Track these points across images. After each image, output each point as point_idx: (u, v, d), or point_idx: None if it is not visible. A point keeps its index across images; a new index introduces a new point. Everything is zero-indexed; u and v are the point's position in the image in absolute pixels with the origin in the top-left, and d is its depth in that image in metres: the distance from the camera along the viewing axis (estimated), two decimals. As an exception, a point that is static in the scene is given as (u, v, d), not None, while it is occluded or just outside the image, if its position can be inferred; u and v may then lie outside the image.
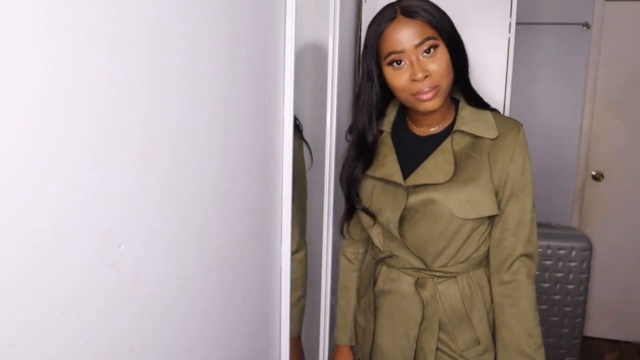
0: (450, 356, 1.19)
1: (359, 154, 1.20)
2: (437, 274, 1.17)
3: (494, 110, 1.17)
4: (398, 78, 1.06)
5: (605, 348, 2.97)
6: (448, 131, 1.14)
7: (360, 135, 1.19)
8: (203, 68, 0.81)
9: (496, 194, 1.11)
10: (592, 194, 3.00)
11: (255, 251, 1.08)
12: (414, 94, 1.05)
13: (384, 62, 1.08)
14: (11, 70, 0.47)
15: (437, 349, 1.19)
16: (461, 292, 1.17)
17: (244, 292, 1.04)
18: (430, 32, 1.03)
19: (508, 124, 1.11)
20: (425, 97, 1.04)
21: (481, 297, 1.18)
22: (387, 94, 1.17)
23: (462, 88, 1.14)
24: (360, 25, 1.86)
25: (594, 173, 2.96)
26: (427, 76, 1.03)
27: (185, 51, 0.76)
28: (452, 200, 1.08)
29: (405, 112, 1.21)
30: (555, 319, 2.63)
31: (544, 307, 2.62)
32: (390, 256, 1.22)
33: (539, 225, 2.68)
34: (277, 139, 1.15)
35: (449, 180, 1.08)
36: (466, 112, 1.13)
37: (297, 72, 1.17)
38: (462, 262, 1.16)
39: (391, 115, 1.22)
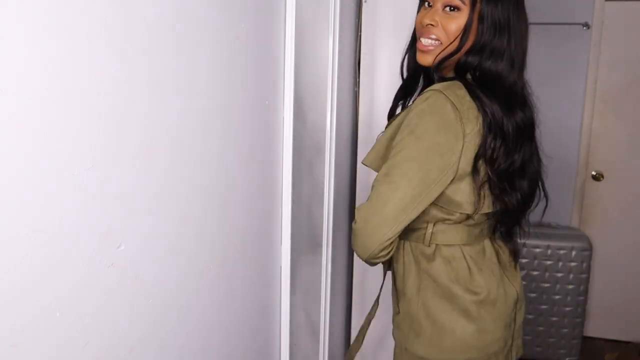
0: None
1: (401, 88, 1.22)
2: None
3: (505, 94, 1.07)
4: (419, 16, 1.12)
5: (605, 348, 2.97)
6: None
7: (408, 67, 1.21)
8: (203, 68, 0.81)
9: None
10: (592, 194, 3.00)
11: (255, 251, 1.08)
12: (419, 37, 1.09)
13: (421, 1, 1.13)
14: (11, 70, 0.47)
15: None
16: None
17: (244, 292, 1.04)
18: None
19: (427, 89, 1.05)
20: (422, 47, 1.08)
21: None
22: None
23: (461, 68, 1.08)
24: (360, 25, 1.86)
25: (594, 173, 2.96)
26: (431, 25, 1.06)
27: (185, 51, 0.76)
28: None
29: None
30: (555, 319, 2.63)
31: (544, 307, 2.62)
32: None
33: (539, 225, 2.68)
34: (277, 139, 1.15)
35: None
36: (436, 83, 1.08)
37: (297, 72, 1.17)
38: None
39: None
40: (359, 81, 1.90)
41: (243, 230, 1.01)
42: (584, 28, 2.86)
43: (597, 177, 2.97)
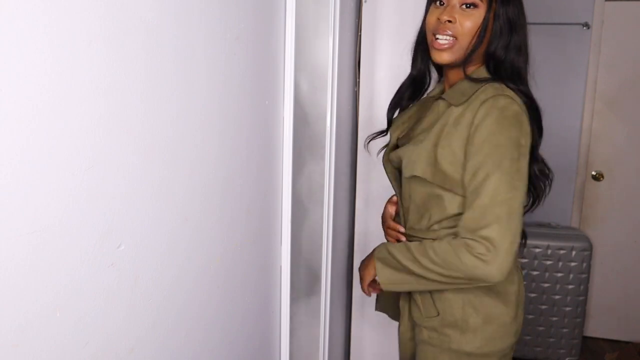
0: (417, 321, 1.22)
1: (410, 83, 1.24)
2: (410, 237, 1.20)
3: (522, 88, 1.09)
4: (431, 15, 1.11)
5: (605, 348, 2.97)
6: None
7: (415, 65, 1.22)
8: (203, 68, 0.81)
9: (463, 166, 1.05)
10: (592, 194, 3.00)
11: (255, 251, 1.08)
12: (434, 34, 1.08)
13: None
14: (11, 70, 0.47)
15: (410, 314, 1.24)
16: None
17: (244, 292, 1.04)
18: None
19: (486, 92, 1.04)
20: (437, 45, 1.08)
21: None
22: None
23: (494, 65, 1.09)
24: (360, 25, 1.86)
25: (594, 173, 2.96)
26: (450, 21, 1.06)
27: (185, 52, 0.76)
28: (404, 159, 1.13)
29: None
30: (555, 319, 2.63)
31: (544, 307, 2.62)
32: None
33: (539, 225, 2.68)
34: (277, 139, 1.15)
35: (410, 142, 1.14)
36: (464, 82, 1.10)
37: (297, 72, 1.17)
38: (426, 229, 1.15)
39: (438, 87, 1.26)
40: (359, 81, 1.90)
41: (243, 230, 1.01)
42: (584, 28, 2.86)
43: (597, 177, 2.97)
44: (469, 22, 1.05)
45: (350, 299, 2.03)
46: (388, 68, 1.87)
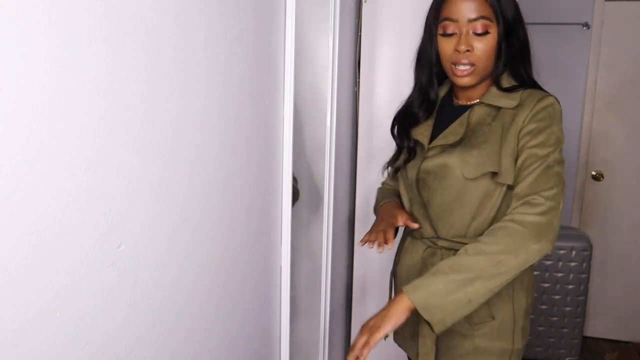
0: (459, 333, 1.16)
1: (421, 103, 1.25)
2: (448, 244, 1.17)
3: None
4: (446, 45, 1.14)
5: (605, 348, 2.97)
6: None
7: (422, 91, 1.25)
8: (203, 68, 0.81)
9: (516, 161, 1.11)
10: (592, 194, 3.00)
11: (255, 251, 1.08)
12: (453, 63, 1.13)
13: (439, 25, 1.15)
14: (11, 70, 0.47)
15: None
16: None
17: (244, 291, 1.04)
18: (488, 12, 1.10)
19: (533, 94, 1.12)
20: (459, 73, 1.13)
21: None
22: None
23: (515, 75, 1.16)
24: (360, 25, 1.85)
25: (594, 173, 2.96)
26: (468, 50, 1.10)
27: (185, 52, 0.76)
28: (462, 163, 1.13)
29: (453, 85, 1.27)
30: (555, 319, 2.63)
31: (544, 307, 2.62)
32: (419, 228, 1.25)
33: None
34: (277, 139, 1.15)
35: (461, 145, 1.14)
36: (497, 90, 1.16)
37: (297, 72, 1.16)
38: (477, 234, 1.14)
39: (444, 90, 1.29)
40: (359, 81, 1.90)
41: (243, 230, 1.01)
42: (584, 28, 2.86)
43: (597, 177, 2.97)
44: (484, 46, 1.10)
45: (350, 298, 2.03)
46: (388, 68, 1.87)
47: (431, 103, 1.25)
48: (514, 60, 1.15)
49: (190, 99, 0.78)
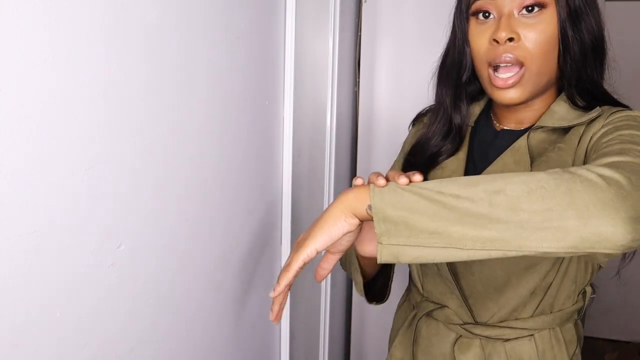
0: None
1: (447, 133, 0.87)
2: (493, 332, 0.83)
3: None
4: (478, 36, 0.76)
5: (605, 348, 2.97)
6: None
7: (446, 115, 0.86)
8: (203, 68, 0.81)
9: None
10: (592, 194, 3.00)
11: (255, 251, 1.08)
12: (491, 65, 0.75)
13: (470, 11, 0.78)
14: (11, 70, 0.47)
15: None
16: (540, 357, 0.82)
17: (244, 292, 1.04)
18: None
19: (612, 108, 0.79)
20: (500, 82, 0.74)
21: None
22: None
23: (579, 88, 0.79)
24: (360, 25, 1.85)
25: (594, 173, 2.96)
26: (512, 39, 0.72)
27: (185, 52, 0.76)
28: None
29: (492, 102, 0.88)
30: (555, 319, 2.63)
31: (544, 307, 2.63)
32: (438, 307, 0.87)
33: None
34: (277, 139, 1.15)
35: None
36: (561, 107, 0.79)
37: (297, 72, 1.17)
38: (546, 313, 0.82)
39: (478, 106, 0.90)
40: (359, 81, 1.90)
41: (243, 230, 1.01)
42: (584, 28, 2.86)
43: (597, 177, 2.97)
44: (537, 32, 0.72)
45: (350, 298, 2.03)
46: (388, 68, 1.87)
47: (458, 129, 0.86)
48: (583, 62, 0.77)
49: (190, 99, 0.78)
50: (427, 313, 0.88)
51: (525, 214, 0.51)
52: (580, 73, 0.78)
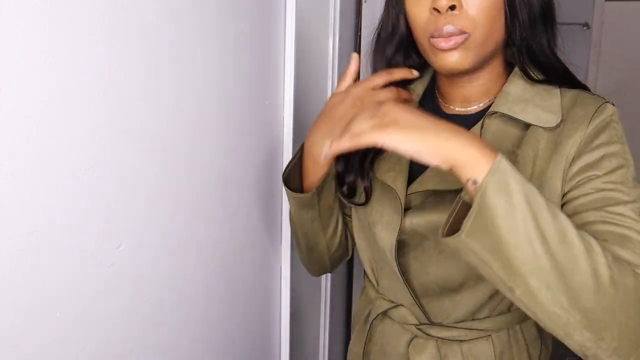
0: None
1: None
2: (450, 334, 0.79)
3: (584, 89, 0.76)
4: (416, 4, 0.69)
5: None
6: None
7: None
8: (203, 68, 0.81)
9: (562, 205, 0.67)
10: (592, 194, 3.00)
11: (255, 251, 1.08)
12: (431, 35, 0.68)
13: None
14: (11, 70, 0.47)
15: None
16: (498, 358, 0.78)
17: (244, 292, 1.04)
18: None
19: (582, 101, 0.72)
20: (444, 43, 0.67)
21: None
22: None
23: (530, 55, 0.74)
24: (360, 25, 1.85)
25: (594, 173, 2.96)
26: (454, 6, 0.65)
27: (185, 52, 0.76)
28: None
29: (435, 80, 0.82)
30: (555, 319, 2.63)
31: (544, 307, 2.63)
32: (393, 306, 0.83)
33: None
34: (277, 139, 1.15)
35: None
36: (516, 86, 0.73)
37: (297, 72, 1.17)
38: (504, 312, 0.78)
39: (421, 84, 0.83)
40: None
41: (243, 230, 1.01)
42: (584, 28, 2.86)
43: (597, 177, 2.97)
44: (481, 0, 0.66)
45: (350, 298, 2.03)
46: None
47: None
48: (532, 29, 0.72)
49: (190, 99, 0.78)
50: (383, 312, 0.85)
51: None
52: (529, 42, 0.73)
